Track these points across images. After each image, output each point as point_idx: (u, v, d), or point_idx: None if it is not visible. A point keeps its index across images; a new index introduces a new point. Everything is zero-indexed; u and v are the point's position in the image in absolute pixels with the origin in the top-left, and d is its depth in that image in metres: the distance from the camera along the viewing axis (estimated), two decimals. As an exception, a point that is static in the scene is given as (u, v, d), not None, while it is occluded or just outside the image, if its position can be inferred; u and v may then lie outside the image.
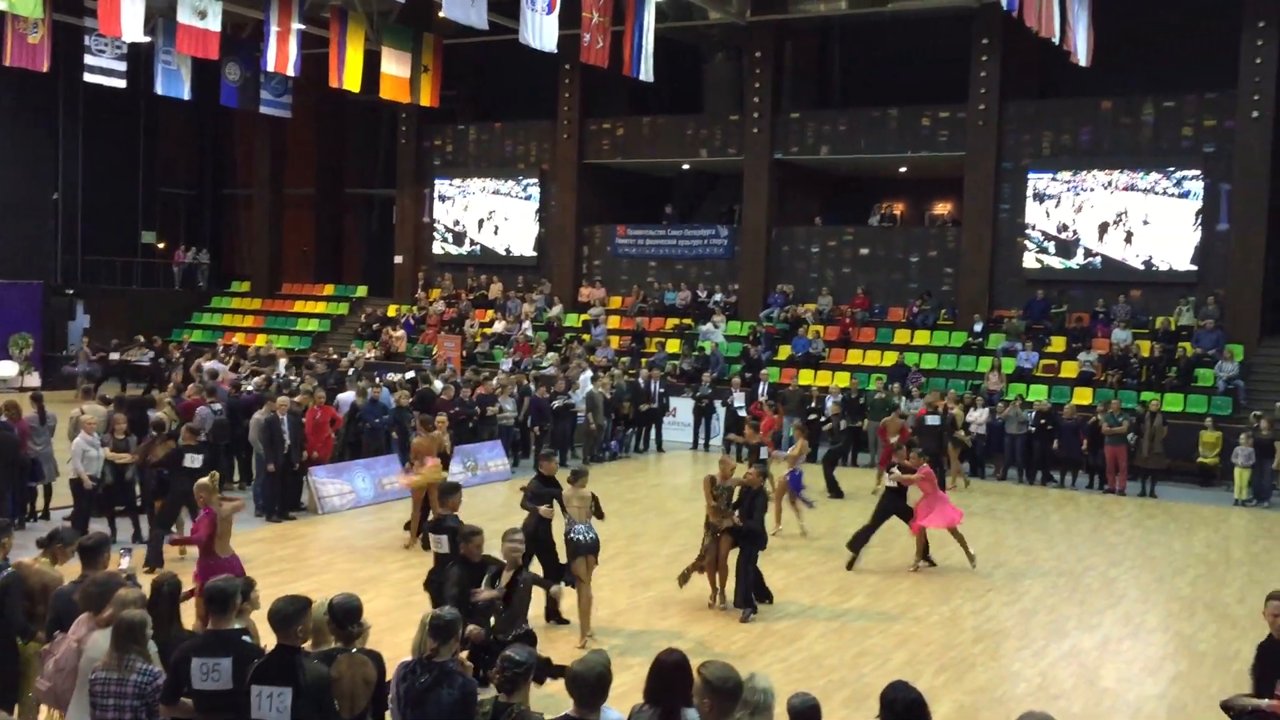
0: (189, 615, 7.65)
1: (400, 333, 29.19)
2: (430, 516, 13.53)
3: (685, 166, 30.29)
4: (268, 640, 5.63)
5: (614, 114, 29.92)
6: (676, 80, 30.39)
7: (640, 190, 31.87)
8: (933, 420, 18.87)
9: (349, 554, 13.46)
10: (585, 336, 27.55)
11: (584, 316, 28.77)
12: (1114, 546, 15.23)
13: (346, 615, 5.73)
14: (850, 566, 13.34)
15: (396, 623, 10.07)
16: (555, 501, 10.65)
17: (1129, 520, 17.14)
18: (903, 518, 13.40)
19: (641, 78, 19.09)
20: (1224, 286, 22.74)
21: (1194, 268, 23.15)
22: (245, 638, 5.76)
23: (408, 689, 5.47)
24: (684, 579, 11.39)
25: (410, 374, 22.14)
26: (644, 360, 25.02)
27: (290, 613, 5.40)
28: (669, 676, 5.02)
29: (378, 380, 19.40)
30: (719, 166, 29.59)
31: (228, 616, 5.69)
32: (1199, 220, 23.04)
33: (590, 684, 4.84)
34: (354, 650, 5.74)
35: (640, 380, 22.54)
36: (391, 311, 31.39)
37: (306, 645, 5.66)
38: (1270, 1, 21.92)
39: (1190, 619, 11.81)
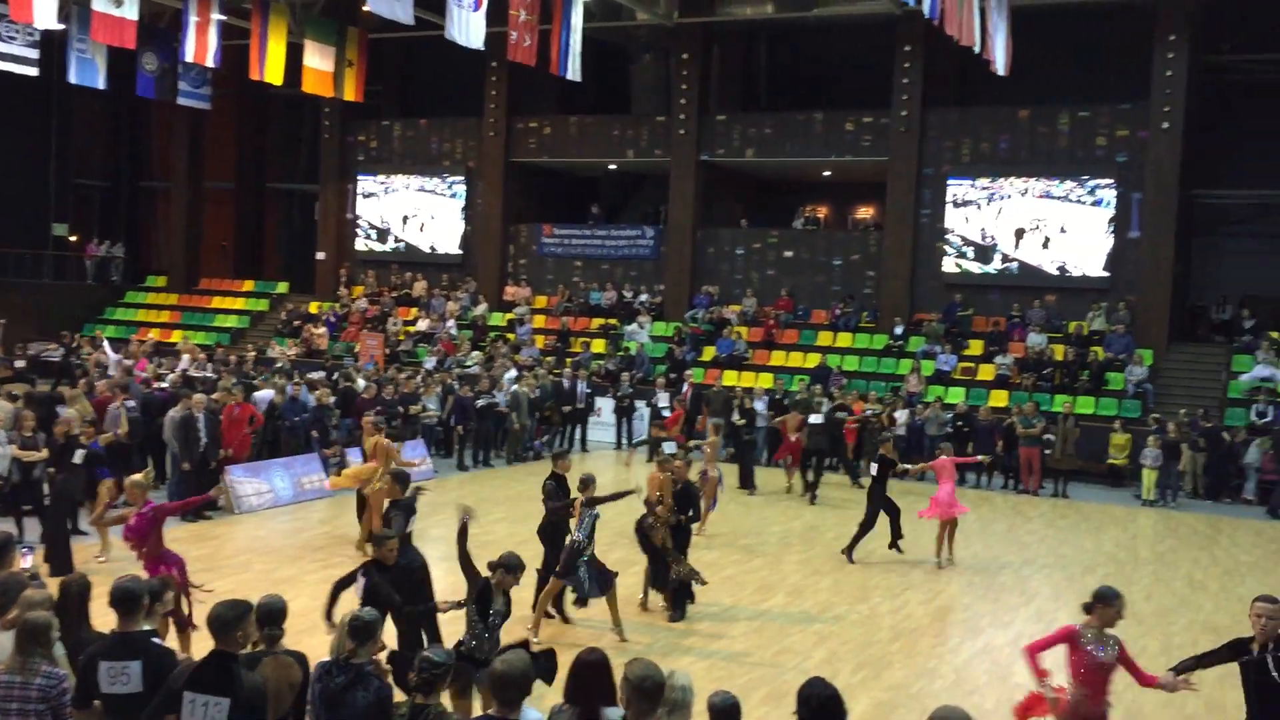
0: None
1: (322, 330, 28.78)
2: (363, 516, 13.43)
3: (612, 166, 30.32)
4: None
5: (541, 113, 29.84)
6: (604, 80, 30.39)
7: (567, 190, 31.84)
8: (815, 419, 19.28)
9: (266, 554, 13.25)
10: (510, 335, 27.44)
11: (509, 315, 28.65)
12: (1027, 545, 15.57)
13: (271, 616, 5.62)
14: (896, 549, 14.10)
15: (315, 624, 9.87)
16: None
17: (1042, 520, 17.54)
18: (888, 510, 13.97)
19: (569, 77, 19.03)
20: (1134, 293, 23.38)
21: (1106, 274, 23.76)
22: (155, 640, 5.63)
23: (323, 690, 5.39)
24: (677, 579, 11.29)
25: (322, 372, 21.87)
26: (569, 360, 24.99)
27: (230, 618, 5.24)
28: (589, 676, 5.02)
29: (297, 378, 19.10)
30: (645, 167, 29.67)
31: (136, 618, 5.55)
32: (1111, 228, 23.66)
33: (513, 683, 4.82)
34: (278, 652, 5.63)
35: (565, 380, 22.51)
36: (313, 308, 30.93)
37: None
38: (1180, 17, 22.59)
39: (1099, 616, 12.10)
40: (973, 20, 17.15)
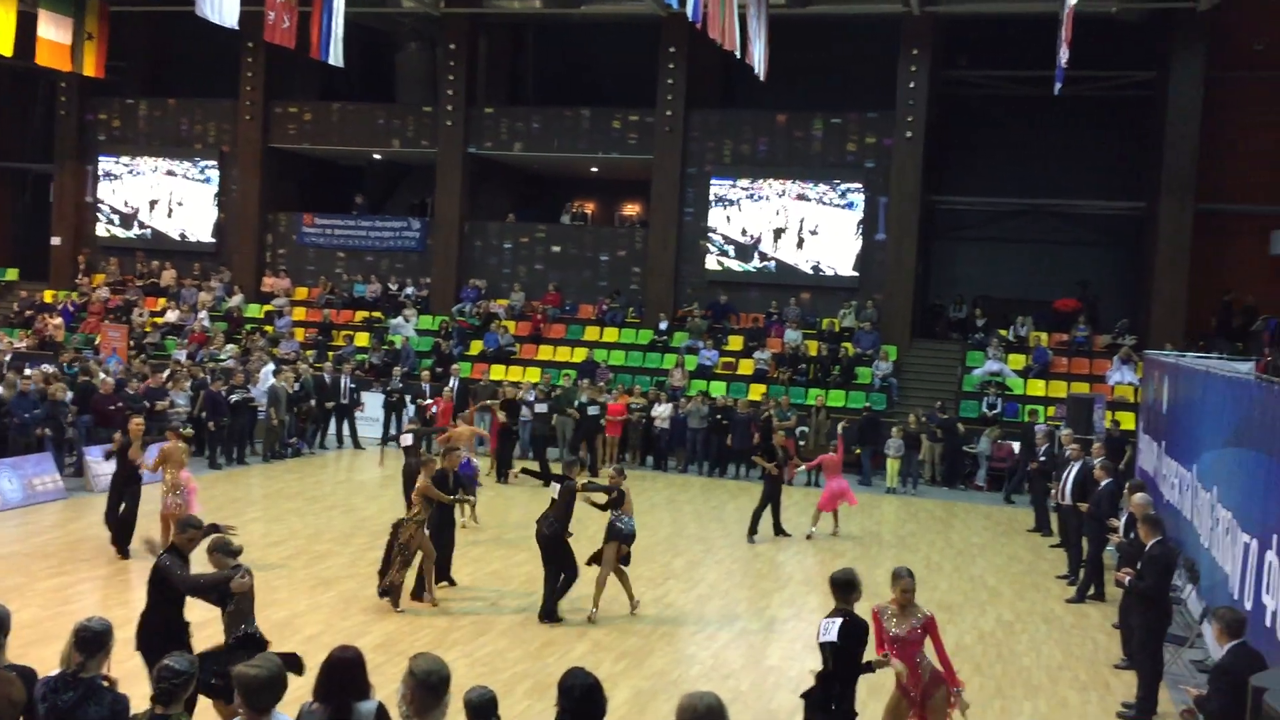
0: None
1: (58, 320, 26.82)
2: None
3: (376, 156, 29.61)
4: None
5: (302, 98, 28.82)
6: (369, 68, 29.64)
7: (329, 178, 30.89)
8: (540, 409, 20.52)
9: (-9, 563, 12.23)
10: (268, 328, 26.40)
11: (267, 307, 27.56)
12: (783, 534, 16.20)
13: None
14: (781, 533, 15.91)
15: (46, 634, 9.26)
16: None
17: (795, 509, 18.26)
18: (775, 500, 15.82)
19: (331, 62, 18.39)
20: (881, 292, 24.74)
21: (855, 274, 25.04)
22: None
23: (50, 707, 5.01)
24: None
25: (51, 366, 20.38)
26: (331, 354, 24.26)
27: None
28: (341, 672, 4.89)
29: (28, 371, 17.72)
30: (411, 158, 29.14)
31: None
32: (860, 230, 24.96)
33: (259, 687, 4.62)
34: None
35: (326, 375, 21.83)
36: (48, 297, 28.83)
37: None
38: (922, 32, 24.02)
39: (847, 598, 12.76)
40: (734, 26, 17.68)
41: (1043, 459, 17.14)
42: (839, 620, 6.73)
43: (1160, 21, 23.76)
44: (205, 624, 7.65)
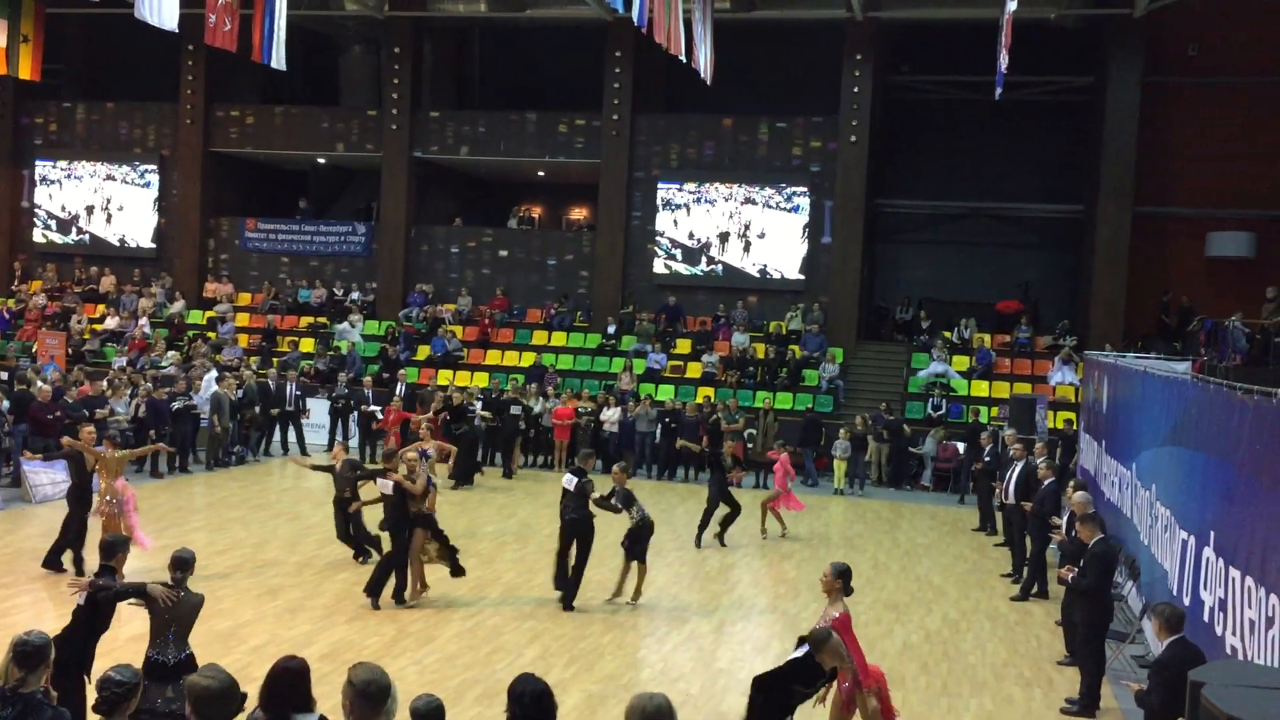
0: None
1: (-7, 328, 26.30)
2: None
3: (321, 160, 29.33)
4: None
5: (244, 100, 28.48)
6: (312, 71, 29.37)
7: (272, 182, 30.56)
8: (486, 415, 20.67)
9: (-75, 577, 11.94)
10: (211, 334, 26.04)
11: (209, 313, 27.18)
12: (730, 534, 16.22)
13: None
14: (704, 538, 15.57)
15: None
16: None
17: (744, 510, 18.35)
18: (727, 500, 15.45)
19: (273, 65, 18.17)
20: (827, 294, 24.93)
21: (802, 277, 25.22)
22: None
23: (-12, 723, 4.92)
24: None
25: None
26: (276, 360, 23.99)
27: None
28: (282, 682, 4.82)
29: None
30: (356, 162, 28.91)
31: None
32: (806, 233, 25.14)
33: (210, 698, 4.55)
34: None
35: (271, 381, 21.58)
36: (-18, 304, 28.24)
37: None
38: (865, 38, 24.24)
39: (795, 599, 12.86)
40: (679, 30, 17.74)
41: (987, 459, 17.37)
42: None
43: (1098, 28, 24.20)
44: (140, 638, 7.52)
